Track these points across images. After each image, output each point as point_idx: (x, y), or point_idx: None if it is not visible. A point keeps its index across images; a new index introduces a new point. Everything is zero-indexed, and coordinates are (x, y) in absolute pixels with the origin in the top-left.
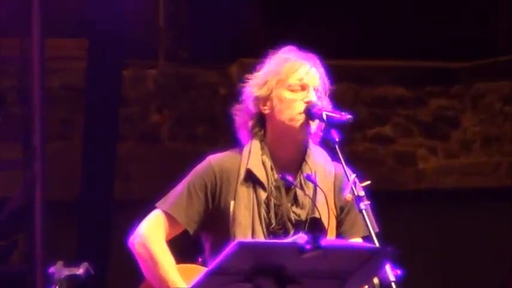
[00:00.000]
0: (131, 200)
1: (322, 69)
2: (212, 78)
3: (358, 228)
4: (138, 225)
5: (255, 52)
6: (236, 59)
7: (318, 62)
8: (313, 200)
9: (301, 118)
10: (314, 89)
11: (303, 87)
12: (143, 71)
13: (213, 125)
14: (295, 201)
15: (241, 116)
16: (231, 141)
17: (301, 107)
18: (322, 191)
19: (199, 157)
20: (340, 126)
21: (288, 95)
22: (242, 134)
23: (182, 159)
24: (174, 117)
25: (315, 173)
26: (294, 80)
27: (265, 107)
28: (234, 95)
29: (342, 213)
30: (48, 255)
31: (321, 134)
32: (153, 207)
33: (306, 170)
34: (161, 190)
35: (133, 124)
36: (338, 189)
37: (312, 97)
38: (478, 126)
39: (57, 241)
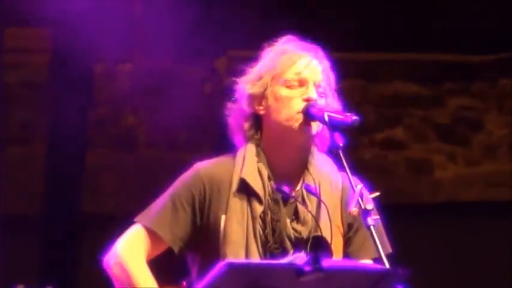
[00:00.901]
0: (102, 215)
1: (326, 63)
2: (196, 75)
3: (369, 248)
4: (113, 243)
5: (245, 43)
6: (223, 52)
7: (321, 54)
8: (316, 216)
9: (300, 118)
10: (315, 84)
11: (302, 83)
12: (117, 67)
13: (198, 129)
14: (296, 216)
15: (235, 116)
16: (219, 148)
17: (299, 105)
18: (325, 205)
19: (181, 167)
20: (344, 129)
21: (284, 92)
22: (236, 138)
23: (162, 169)
24: (152, 120)
25: (319, 184)
26: (291, 75)
27: (261, 107)
28: (222, 94)
29: (350, 231)
30: (6, 278)
31: (327, 139)
32: (131, 223)
33: (308, 180)
34: (138, 204)
35: (105, 128)
36: (345, 204)
37: (312, 94)
38: (504, 129)
39: (17, 261)
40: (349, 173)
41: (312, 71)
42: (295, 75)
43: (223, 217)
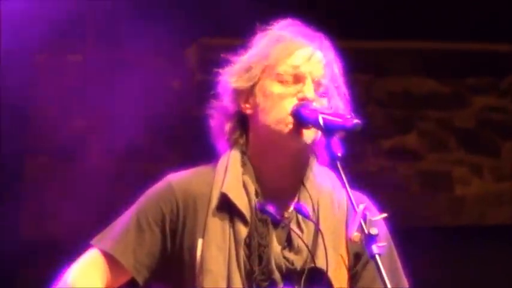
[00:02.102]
0: (46, 240)
1: (332, 55)
2: (161, 67)
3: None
4: (63, 272)
5: (221, 30)
6: (194, 40)
7: (326, 44)
8: (313, 243)
9: (291, 121)
10: (314, 81)
11: (298, 79)
12: (64, 57)
13: (164, 133)
14: (289, 242)
15: (216, 116)
16: (192, 157)
17: (293, 104)
18: (319, 230)
19: (144, 179)
20: (343, 134)
21: (276, 88)
22: (219, 143)
23: (119, 183)
24: (107, 123)
25: (317, 203)
26: (285, 68)
27: (247, 104)
28: (194, 90)
29: (358, 262)
30: None
31: (326, 149)
32: (86, 247)
33: (305, 198)
34: (92, 226)
35: (48, 133)
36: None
37: (308, 92)
38: None
39: None
40: (349, 190)
41: (313, 64)
42: (291, 68)
43: (200, 241)
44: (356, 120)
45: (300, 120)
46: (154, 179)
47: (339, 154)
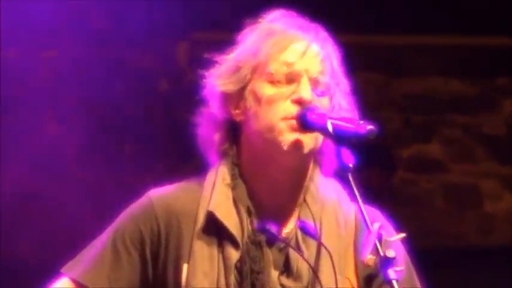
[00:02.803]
0: (10, 267)
1: (330, 48)
2: (148, 65)
3: None
4: None
5: (216, 23)
6: (186, 35)
7: (323, 35)
8: (315, 266)
9: (286, 127)
10: (311, 79)
11: (292, 78)
12: (35, 52)
13: (151, 141)
14: (287, 267)
15: (205, 124)
16: (179, 168)
17: (287, 108)
18: (327, 249)
19: (126, 194)
20: (356, 143)
21: (267, 90)
22: (209, 154)
23: (99, 197)
24: (84, 129)
25: (320, 221)
26: (277, 65)
27: (237, 110)
28: (184, 92)
29: (370, 287)
30: None
31: (335, 158)
32: (55, 274)
33: (306, 215)
34: (65, 250)
35: (18, 140)
36: (361, 248)
37: (304, 93)
38: None
39: None
40: (363, 206)
41: (308, 60)
42: (284, 66)
43: (185, 266)
44: (370, 127)
45: (306, 126)
46: (139, 194)
47: (351, 165)
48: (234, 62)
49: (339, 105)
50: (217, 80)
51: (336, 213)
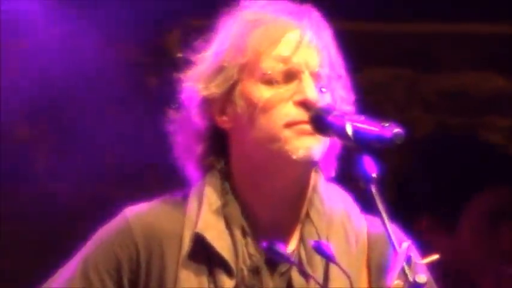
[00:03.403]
0: None
1: (326, 33)
2: (133, 57)
3: None
4: None
5: (214, 6)
6: (178, 21)
7: (316, 19)
8: None
9: (293, 134)
10: (312, 74)
11: (290, 75)
12: (4, 42)
13: (135, 147)
14: None
15: (182, 134)
16: (171, 181)
17: (290, 112)
18: (347, 274)
19: (108, 210)
20: (379, 148)
21: (263, 92)
22: (187, 167)
23: (74, 213)
24: (60, 134)
25: (327, 237)
26: (271, 62)
27: (224, 117)
28: (176, 89)
29: None
30: None
31: (335, 158)
32: None
33: (310, 232)
34: (33, 272)
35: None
36: (376, 266)
37: (309, 91)
38: None
39: None
40: (388, 222)
41: (305, 52)
42: (280, 62)
43: None
44: (396, 130)
45: (322, 130)
46: (115, 212)
47: (374, 175)
48: (217, 60)
49: (341, 100)
50: (197, 82)
51: (345, 228)
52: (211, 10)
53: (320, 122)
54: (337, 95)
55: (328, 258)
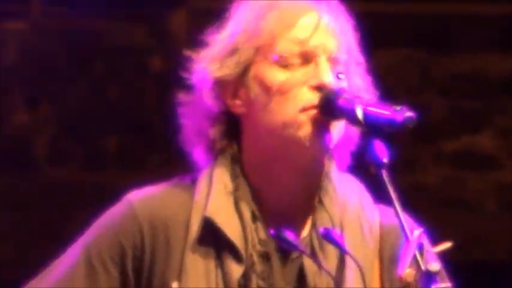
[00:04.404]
0: None
1: (344, 18)
2: (136, 40)
3: None
4: None
5: None
6: (181, 2)
7: (334, 3)
8: (338, 279)
9: (307, 119)
10: (329, 59)
11: (307, 58)
12: (1, 26)
13: (139, 132)
14: (301, 281)
15: (193, 117)
16: (176, 165)
17: (305, 96)
18: (358, 263)
19: (109, 197)
20: (391, 133)
21: (278, 75)
22: (196, 152)
23: (77, 198)
24: (60, 118)
25: (341, 226)
26: (287, 44)
27: (237, 100)
28: (181, 72)
29: None
30: None
31: (356, 149)
32: None
33: (322, 220)
34: (34, 261)
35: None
36: (388, 258)
37: (325, 75)
38: None
39: None
40: (400, 210)
41: (323, 35)
42: (296, 45)
43: (175, 285)
44: (408, 114)
45: (332, 114)
46: (116, 194)
47: (385, 160)
48: (231, 41)
49: (357, 87)
50: (209, 64)
51: (359, 218)
52: None
53: (330, 105)
54: (355, 82)
55: (337, 245)
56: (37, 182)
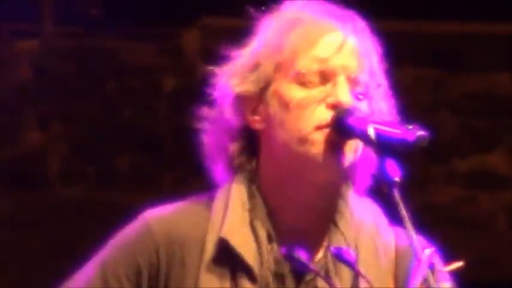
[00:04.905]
0: None
1: (369, 40)
2: (149, 59)
3: None
4: None
5: (231, 7)
6: (195, 20)
7: (361, 25)
8: None
9: (322, 137)
10: (349, 79)
11: (326, 77)
12: (13, 45)
13: (150, 151)
14: None
15: (213, 133)
16: (187, 184)
17: (322, 115)
18: (369, 282)
19: (121, 216)
20: (402, 152)
21: (296, 92)
22: (216, 168)
23: (92, 218)
24: (71, 137)
25: (355, 248)
26: (308, 62)
27: (256, 116)
28: (194, 91)
29: None
30: None
31: (374, 171)
32: None
33: (337, 241)
34: (46, 280)
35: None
36: (403, 279)
37: (343, 95)
38: None
39: None
40: (411, 229)
41: (346, 55)
42: (316, 63)
43: None
44: (420, 133)
45: (344, 132)
46: (132, 212)
47: (396, 179)
48: (253, 57)
49: (379, 110)
50: (231, 79)
51: (374, 240)
52: (232, 9)
53: (342, 123)
54: (376, 104)
55: (349, 264)
56: (49, 201)
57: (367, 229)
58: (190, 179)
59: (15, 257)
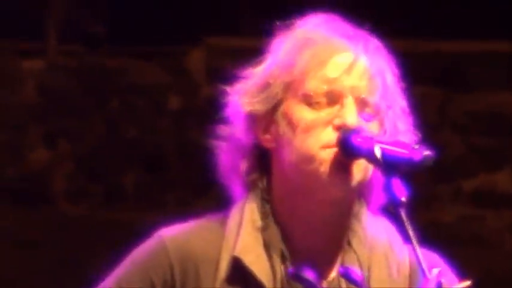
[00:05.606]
0: None
1: (383, 60)
2: (154, 77)
3: None
4: None
5: (236, 26)
6: (200, 39)
7: (374, 45)
8: None
9: (328, 156)
10: (358, 100)
11: (333, 98)
12: (17, 64)
13: (156, 170)
14: None
15: (227, 150)
16: (192, 203)
17: (328, 136)
18: None
19: (126, 235)
20: (408, 172)
21: (304, 113)
22: (233, 186)
23: (98, 236)
24: (77, 155)
25: (368, 267)
26: (316, 83)
27: (267, 135)
28: (198, 110)
29: None
30: None
31: (384, 190)
32: None
33: (350, 261)
34: None
35: None
36: None
37: (349, 116)
38: None
39: None
40: (418, 248)
41: (355, 77)
42: (324, 84)
43: None
44: (426, 152)
45: (350, 152)
46: (136, 231)
47: (403, 199)
48: (264, 76)
49: (395, 129)
50: (243, 97)
51: (387, 258)
52: (237, 29)
53: (347, 143)
54: (389, 125)
55: (356, 284)
56: (53, 219)
57: (380, 247)
58: (194, 198)
59: (20, 275)
